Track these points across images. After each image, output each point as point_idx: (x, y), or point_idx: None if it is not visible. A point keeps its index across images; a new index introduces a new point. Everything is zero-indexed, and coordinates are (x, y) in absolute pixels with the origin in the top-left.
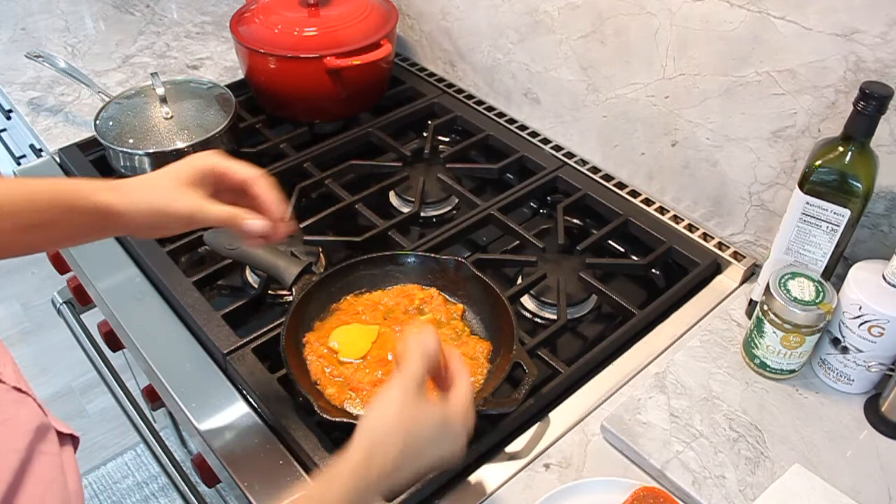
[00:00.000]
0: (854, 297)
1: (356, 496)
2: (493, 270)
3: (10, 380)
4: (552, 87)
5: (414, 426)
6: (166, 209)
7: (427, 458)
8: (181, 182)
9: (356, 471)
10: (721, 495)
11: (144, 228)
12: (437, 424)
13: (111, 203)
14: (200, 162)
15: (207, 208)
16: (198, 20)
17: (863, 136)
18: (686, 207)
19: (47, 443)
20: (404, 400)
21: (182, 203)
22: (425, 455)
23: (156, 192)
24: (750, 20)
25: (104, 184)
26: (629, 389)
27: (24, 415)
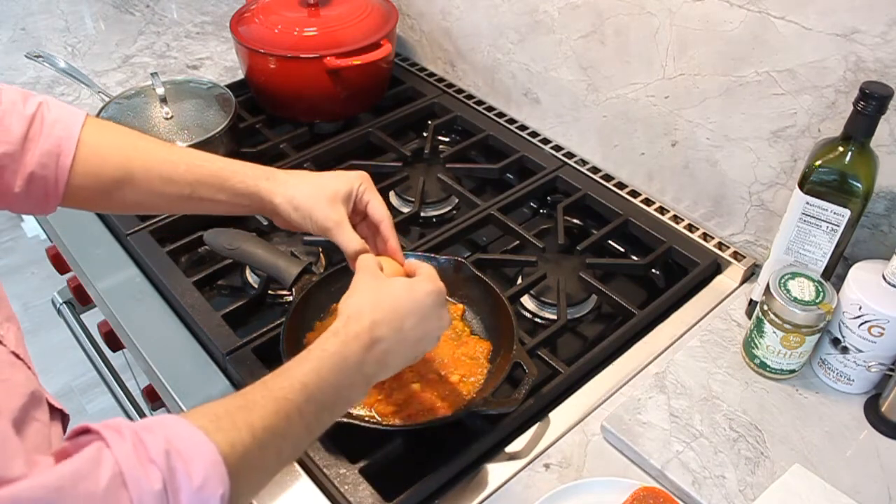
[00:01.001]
0: (854, 297)
1: (337, 354)
2: (493, 270)
3: (10, 344)
4: (552, 87)
5: (383, 292)
6: (312, 215)
7: (409, 329)
8: (335, 196)
9: (335, 332)
10: (721, 495)
11: (286, 220)
12: (405, 289)
13: (272, 192)
14: (354, 183)
15: (344, 231)
16: (198, 20)
17: (863, 136)
18: (686, 207)
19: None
20: (370, 281)
21: (326, 215)
22: (404, 324)
23: (311, 197)
24: (750, 20)
25: (267, 173)
26: (629, 389)
27: (19, 378)
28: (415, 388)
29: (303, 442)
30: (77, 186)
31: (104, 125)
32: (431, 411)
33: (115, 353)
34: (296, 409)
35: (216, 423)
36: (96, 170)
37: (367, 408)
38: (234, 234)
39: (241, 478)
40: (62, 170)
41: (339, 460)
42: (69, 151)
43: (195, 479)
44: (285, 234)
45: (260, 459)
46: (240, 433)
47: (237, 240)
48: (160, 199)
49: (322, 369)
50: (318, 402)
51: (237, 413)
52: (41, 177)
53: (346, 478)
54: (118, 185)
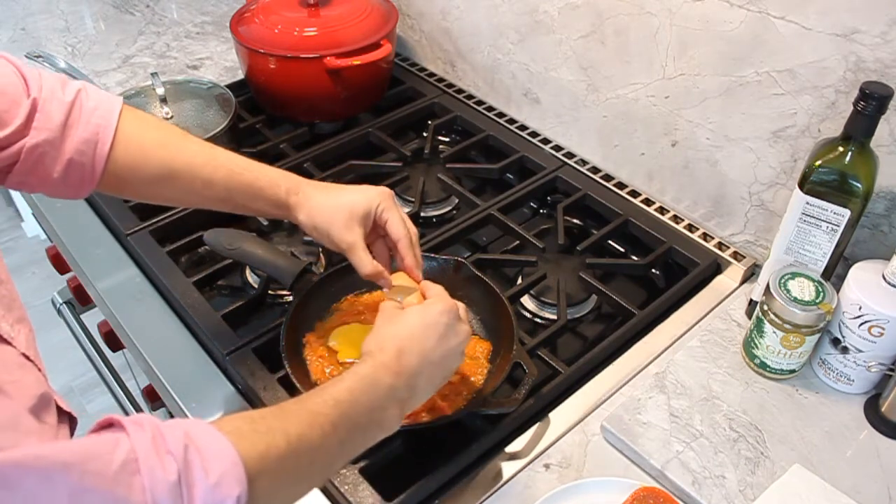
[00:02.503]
0: (854, 297)
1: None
2: (493, 270)
3: (21, 346)
4: (552, 87)
5: (400, 324)
6: (329, 235)
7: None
8: (353, 215)
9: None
10: (721, 495)
11: (309, 233)
12: (419, 315)
13: (297, 208)
14: (374, 202)
15: (357, 253)
16: (198, 20)
17: (863, 136)
18: (686, 207)
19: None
20: (385, 319)
21: (345, 237)
22: (425, 346)
23: (329, 217)
24: (750, 20)
25: (298, 186)
26: (629, 389)
27: (29, 380)
28: None
29: (335, 459)
30: (116, 175)
31: (141, 117)
32: (431, 411)
33: (115, 353)
34: (329, 423)
35: (250, 425)
36: (139, 163)
37: None
38: (234, 234)
39: (263, 482)
40: (99, 157)
41: None
42: (107, 140)
43: (211, 476)
44: (285, 234)
45: (288, 467)
46: (269, 437)
47: (237, 240)
48: (196, 198)
49: (355, 389)
50: (352, 420)
51: (270, 418)
52: (79, 163)
53: (346, 478)
54: (159, 181)
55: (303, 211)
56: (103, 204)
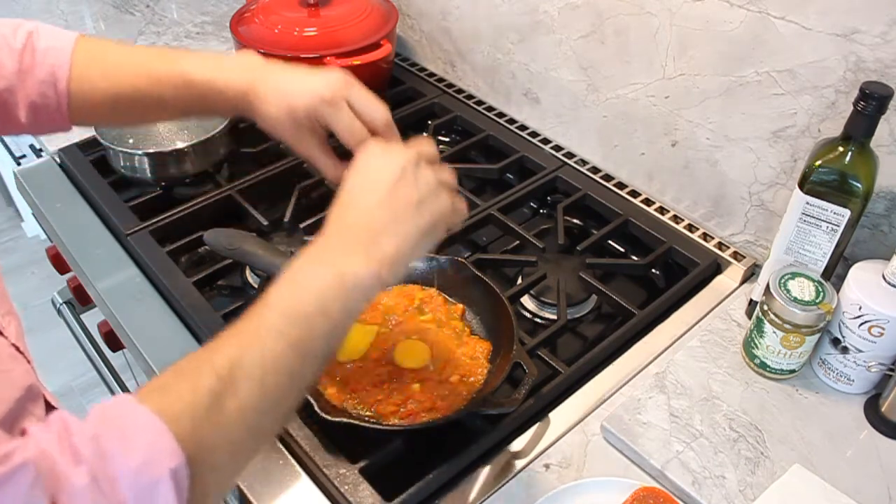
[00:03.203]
0: (854, 297)
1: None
2: (493, 270)
3: (11, 337)
4: (552, 87)
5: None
6: (286, 142)
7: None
8: (298, 123)
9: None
10: (721, 495)
11: (270, 130)
12: (361, 162)
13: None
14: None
15: (321, 163)
16: (198, 20)
17: (863, 136)
18: (686, 207)
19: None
20: None
21: (299, 150)
22: (380, 193)
23: (280, 124)
24: (750, 20)
25: (248, 84)
26: (629, 389)
27: (18, 372)
28: (415, 388)
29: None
30: (78, 110)
31: (93, 47)
32: (431, 411)
33: (115, 353)
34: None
35: (174, 374)
36: (94, 96)
37: (367, 408)
38: (234, 234)
39: (204, 437)
40: (61, 96)
41: (339, 460)
42: (63, 78)
43: (134, 459)
44: (285, 234)
45: (229, 405)
46: (194, 379)
47: (237, 240)
48: (157, 116)
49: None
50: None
51: (199, 353)
52: (43, 105)
53: (346, 478)
54: (115, 109)
55: (257, 117)
56: (103, 204)
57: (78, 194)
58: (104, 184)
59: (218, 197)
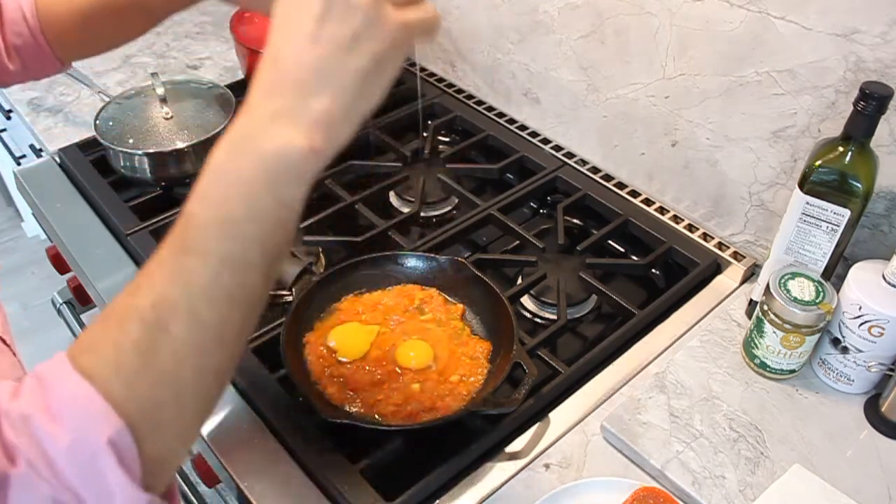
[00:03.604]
0: (854, 297)
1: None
2: (493, 270)
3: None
4: (552, 87)
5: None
6: None
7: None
8: None
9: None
10: (721, 495)
11: None
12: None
13: None
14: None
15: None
16: (198, 20)
17: (863, 136)
18: (686, 207)
19: None
20: None
21: None
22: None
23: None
24: (750, 20)
25: None
26: (629, 389)
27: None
28: (415, 388)
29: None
30: (56, 40)
31: None
32: (431, 411)
33: None
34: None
35: (101, 325)
36: (61, 21)
37: (367, 408)
38: None
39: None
40: (35, 30)
41: (339, 460)
42: (31, 11)
43: (65, 435)
44: None
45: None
46: (119, 328)
47: None
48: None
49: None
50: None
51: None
52: (23, 45)
53: (346, 478)
54: (86, 29)
55: None
56: (103, 204)
57: (78, 194)
58: (104, 184)
59: None
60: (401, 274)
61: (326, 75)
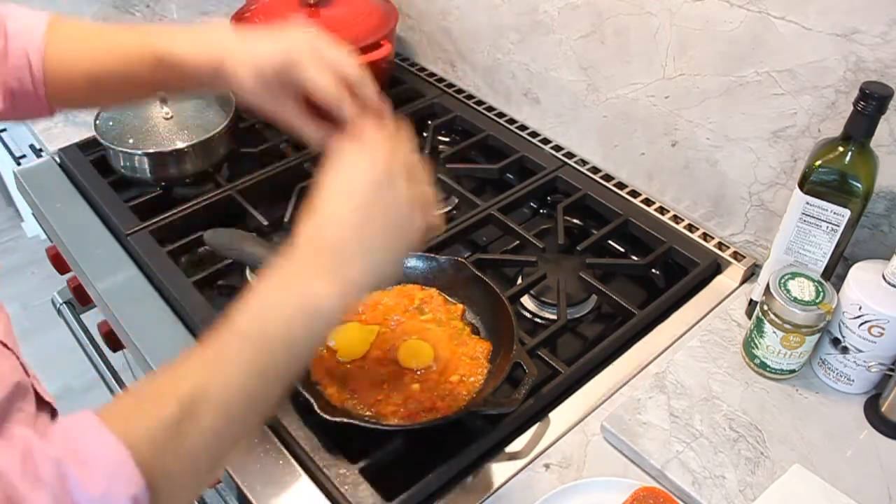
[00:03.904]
0: (854, 297)
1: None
2: (493, 270)
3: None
4: (552, 87)
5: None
6: (262, 109)
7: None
8: (269, 84)
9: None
10: (721, 495)
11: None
12: (352, 161)
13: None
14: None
15: (299, 129)
16: (198, 20)
17: (863, 136)
18: (686, 207)
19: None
20: None
21: (276, 114)
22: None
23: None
24: (750, 20)
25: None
26: (629, 389)
27: (4, 369)
28: (415, 388)
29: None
30: (55, 92)
31: (65, 28)
32: (431, 411)
33: (115, 353)
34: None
35: (136, 400)
36: (66, 77)
37: (367, 408)
38: (234, 234)
39: (166, 464)
40: (37, 80)
41: (339, 460)
42: (38, 61)
43: (95, 487)
44: (285, 234)
45: (189, 433)
46: (157, 407)
47: (237, 240)
48: (133, 95)
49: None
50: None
51: (162, 378)
52: (20, 90)
53: (346, 478)
54: (89, 91)
55: (230, 74)
56: (103, 204)
57: (78, 194)
58: (104, 184)
59: (218, 197)
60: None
61: (368, 251)
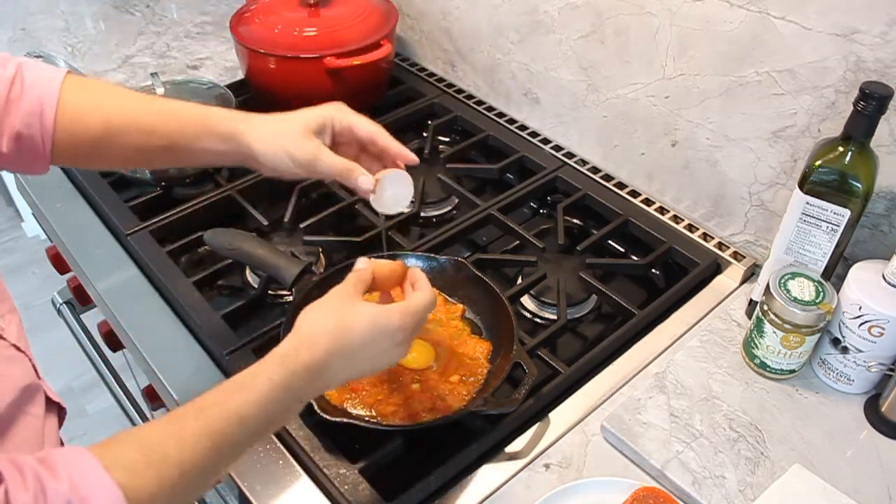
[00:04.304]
0: (854, 297)
1: (281, 386)
2: (493, 270)
3: (12, 337)
4: (552, 87)
5: (348, 319)
6: (288, 150)
7: (359, 361)
8: (307, 128)
9: (285, 358)
10: (721, 495)
11: (268, 164)
12: (370, 321)
13: (247, 134)
14: (327, 112)
15: (326, 157)
16: (198, 20)
17: (863, 136)
18: (686, 207)
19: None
20: (338, 302)
21: (304, 149)
22: (357, 356)
23: (282, 131)
24: (750, 20)
25: (243, 116)
26: (629, 389)
27: (15, 373)
28: (415, 388)
29: (227, 468)
30: (62, 144)
31: (84, 82)
32: (431, 411)
33: (115, 353)
34: (229, 445)
35: (145, 458)
36: (77, 128)
37: (367, 408)
38: (234, 234)
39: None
40: (46, 128)
41: (339, 460)
42: (51, 110)
43: None
44: (285, 234)
45: (178, 495)
46: (163, 470)
47: (237, 240)
48: (142, 153)
49: (263, 401)
50: (253, 432)
51: (168, 442)
52: (27, 136)
53: (346, 478)
54: (100, 142)
55: (252, 134)
56: (103, 204)
57: (78, 194)
58: (104, 184)
59: (218, 197)
60: None
61: (347, 378)
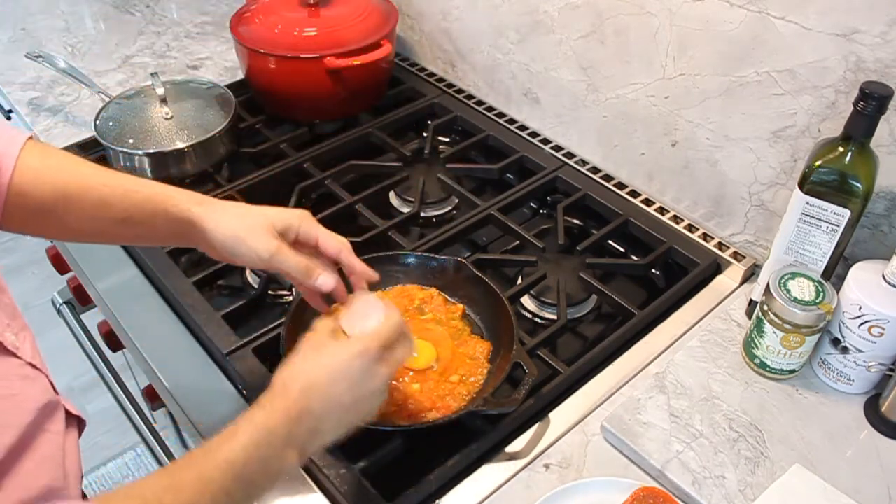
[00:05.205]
0: (854, 297)
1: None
2: (493, 270)
3: (27, 356)
4: (552, 87)
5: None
6: (246, 241)
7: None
8: (271, 226)
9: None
10: (721, 495)
11: (223, 251)
12: (336, 354)
13: (203, 218)
14: (293, 219)
15: (286, 254)
16: (198, 20)
17: (863, 136)
18: (686, 207)
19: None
20: (305, 348)
21: (263, 242)
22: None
23: (242, 222)
24: (750, 20)
25: (202, 199)
26: (629, 389)
27: (32, 392)
28: (415, 388)
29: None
30: (13, 206)
31: (47, 149)
32: (431, 411)
33: (115, 353)
34: (222, 491)
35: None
36: (31, 189)
37: None
38: None
39: None
40: (1, 185)
41: (339, 460)
42: (7, 171)
43: None
44: None
45: None
46: None
47: None
48: (96, 224)
49: (248, 445)
50: (246, 480)
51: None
52: None
53: (346, 478)
54: (53, 208)
55: (211, 220)
56: None
57: None
58: None
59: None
60: (401, 274)
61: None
